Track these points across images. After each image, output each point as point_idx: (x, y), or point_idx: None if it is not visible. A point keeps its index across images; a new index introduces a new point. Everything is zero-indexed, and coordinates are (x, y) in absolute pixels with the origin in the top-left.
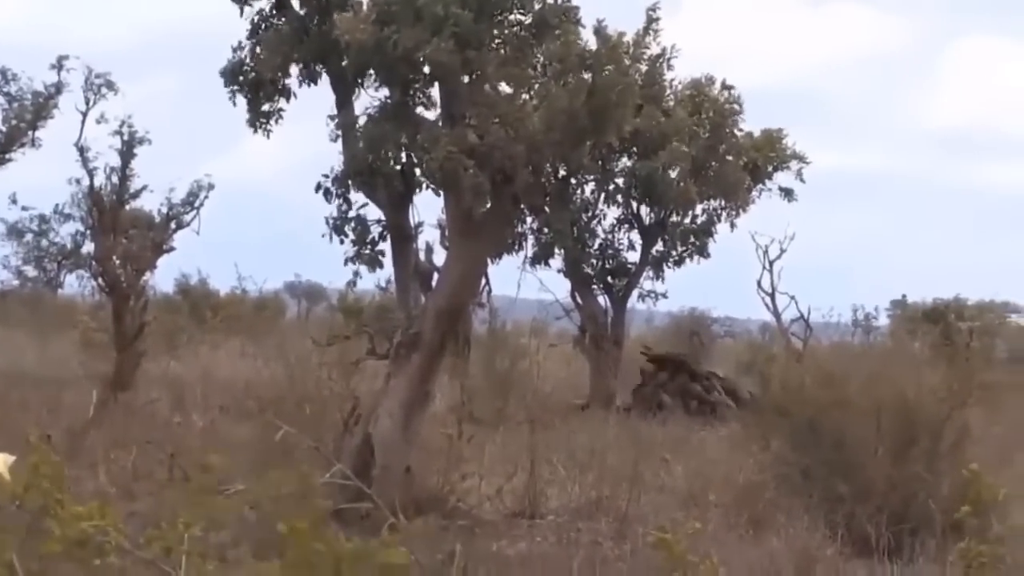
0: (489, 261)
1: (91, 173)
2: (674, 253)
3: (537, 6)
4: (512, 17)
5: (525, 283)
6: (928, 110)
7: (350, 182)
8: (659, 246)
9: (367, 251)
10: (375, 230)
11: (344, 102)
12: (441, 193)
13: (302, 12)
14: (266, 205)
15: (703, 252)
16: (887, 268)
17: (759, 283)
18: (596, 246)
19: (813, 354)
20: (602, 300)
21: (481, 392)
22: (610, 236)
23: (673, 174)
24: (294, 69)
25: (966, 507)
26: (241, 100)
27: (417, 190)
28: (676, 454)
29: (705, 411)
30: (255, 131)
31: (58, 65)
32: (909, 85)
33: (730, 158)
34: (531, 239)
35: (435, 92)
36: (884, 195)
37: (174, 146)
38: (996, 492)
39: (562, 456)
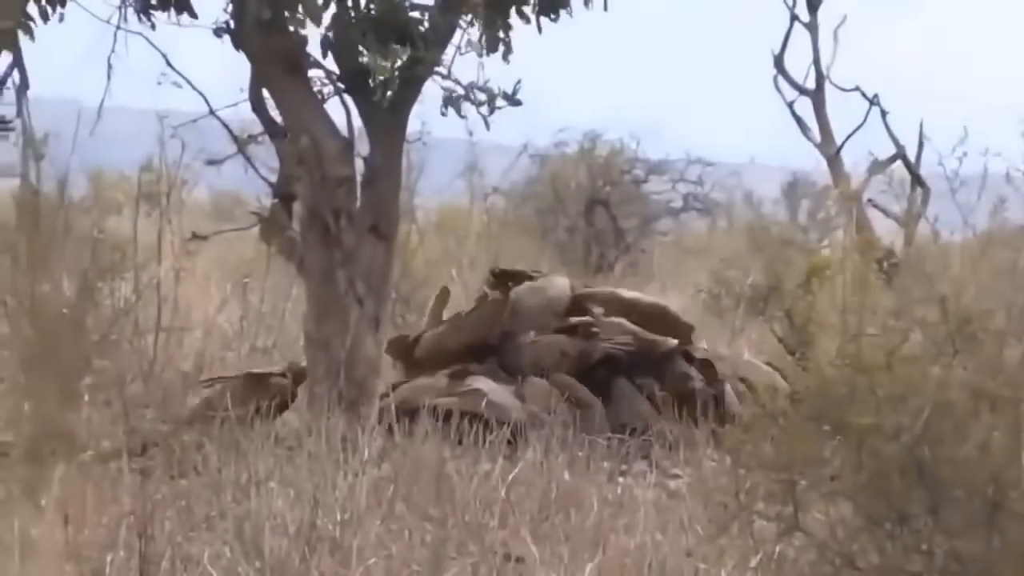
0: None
1: None
2: None
3: None
4: None
5: (123, 71)
6: None
7: None
8: None
9: None
10: None
11: None
12: None
13: None
14: None
15: None
16: None
17: (779, 61)
18: None
19: (929, 261)
20: (338, 112)
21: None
22: None
23: None
24: None
25: None
26: None
27: None
28: (548, 540)
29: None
30: None
31: None
32: None
33: None
34: None
35: None
36: None
37: None
38: None
39: (231, 548)
